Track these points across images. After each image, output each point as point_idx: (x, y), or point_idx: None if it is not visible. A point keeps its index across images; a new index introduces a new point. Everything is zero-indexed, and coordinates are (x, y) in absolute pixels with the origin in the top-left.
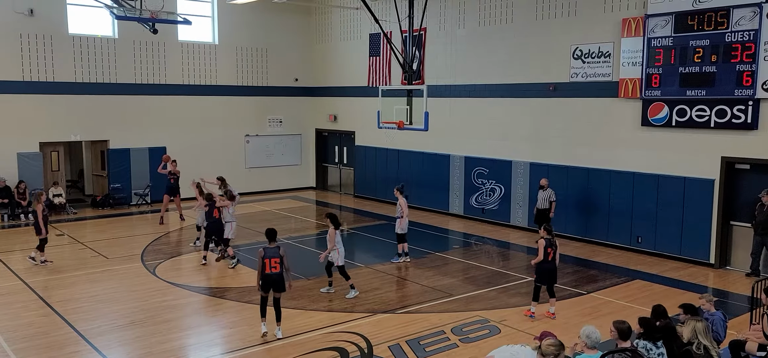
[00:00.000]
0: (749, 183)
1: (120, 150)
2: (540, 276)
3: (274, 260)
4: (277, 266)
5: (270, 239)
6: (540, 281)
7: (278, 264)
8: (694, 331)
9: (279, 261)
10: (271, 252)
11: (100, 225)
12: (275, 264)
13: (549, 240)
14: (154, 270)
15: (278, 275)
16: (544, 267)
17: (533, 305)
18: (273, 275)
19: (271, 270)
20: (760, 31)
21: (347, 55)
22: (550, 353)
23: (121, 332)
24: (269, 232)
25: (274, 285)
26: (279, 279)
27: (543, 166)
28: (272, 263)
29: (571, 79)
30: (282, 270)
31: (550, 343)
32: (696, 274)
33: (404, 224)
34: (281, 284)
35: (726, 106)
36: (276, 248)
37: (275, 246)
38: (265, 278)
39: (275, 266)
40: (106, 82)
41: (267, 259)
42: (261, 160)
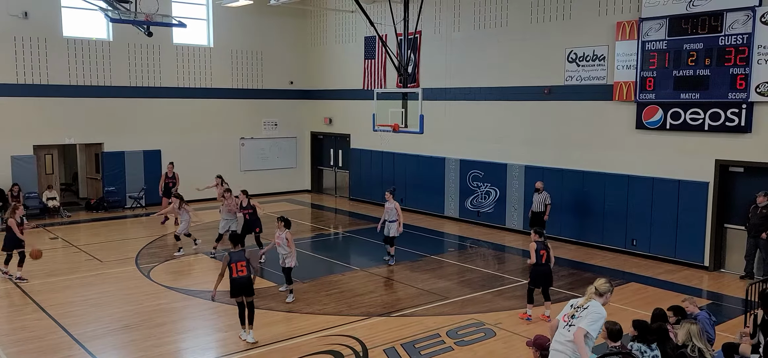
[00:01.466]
0: (743, 186)
1: (114, 153)
2: (534, 279)
3: (240, 263)
4: (244, 269)
5: (234, 244)
6: (534, 284)
7: (244, 267)
8: (689, 334)
9: (245, 264)
10: (237, 256)
11: (95, 228)
12: (242, 267)
13: (540, 243)
14: (149, 273)
15: (246, 278)
16: (537, 270)
17: (529, 308)
18: (241, 278)
19: (238, 274)
20: (753, 35)
21: (342, 58)
22: (606, 289)
23: (115, 335)
24: (233, 236)
25: (244, 289)
26: (247, 283)
27: (538, 169)
28: (239, 267)
29: (565, 82)
30: (249, 274)
31: (603, 281)
32: (690, 276)
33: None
34: (250, 287)
35: (720, 110)
36: (241, 252)
37: (241, 250)
38: (232, 282)
39: (242, 270)
40: (101, 84)
41: (233, 263)
42: (256, 163)
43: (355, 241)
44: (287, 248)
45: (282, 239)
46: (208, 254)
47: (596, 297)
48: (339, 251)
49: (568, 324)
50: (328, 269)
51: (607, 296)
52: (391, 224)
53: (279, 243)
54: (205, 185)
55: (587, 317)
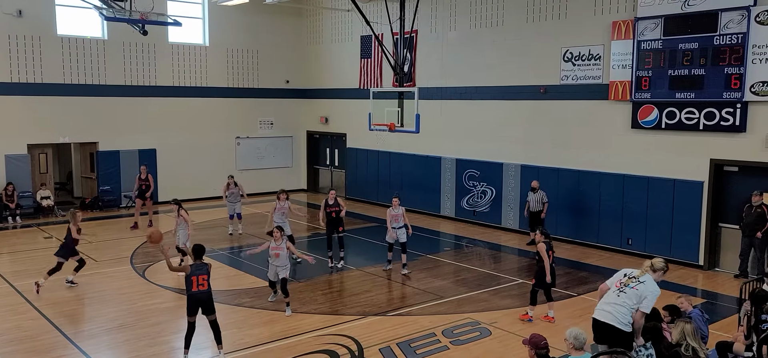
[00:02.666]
0: (737, 185)
1: (109, 152)
2: (541, 281)
3: (201, 277)
4: (205, 283)
5: (197, 256)
6: (540, 286)
7: (206, 281)
8: (683, 332)
9: (207, 278)
10: (199, 269)
11: (89, 227)
12: (203, 281)
13: (548, 243)
14: (144, 273)
15: (206, 292)
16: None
17: (530, 309)
18: (200, 293)
19: (198, 288)
20: (748, 35)
21: (338, 57)
22: (661, 267)
23: (109, 335)
24: (197, 249)
25: (203, 305)
26: (207, 298)
27: (534, 168)
28: (200, 280)
29: (561, 81)
30: (210, 288)
31: (660, 259)
32: (685, 275)
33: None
34: (210, 303)
35: (715, 109)
36: (205, 265)
37: (204, 263)
38: (190, 297)
39: (203, 284)
40: (96, 83)
41: (194, 276)
42: (252, 162)
43: (351, 240)
44: (286, 260)
45: (282, 249)
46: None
47: (651, 272)
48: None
49: (620, 290)
50: (323, 268)
51: (660, 274)
52: (400, 230)
53: (278, 254)
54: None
55: (644, 294)
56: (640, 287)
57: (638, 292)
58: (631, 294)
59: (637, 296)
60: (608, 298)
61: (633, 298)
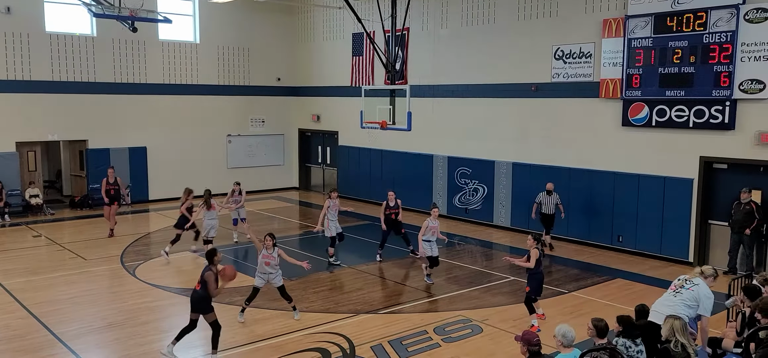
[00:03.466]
0: (726, 182)
1: (99, 150)
2: (537, 288)
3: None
4: (198, 284)
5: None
6: (536, 293)
7: (199, 284)
8: (672, 329)
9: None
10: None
11: (79, 226)
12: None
13: (540, 250)
14: (134, 271)
15: (198, 294)
16: (539, 278)
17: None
18: (194, 293)
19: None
20: (737, 33)
21: (330, 55)
22: (711, 274)
23: (99, 334)
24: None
25: (195, 305)
26: (199, 299)
27: (525, 166)
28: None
29: (552, 79)
30: (202, 290)
31: (709, 267)
32: (675, 272)
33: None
34: (201, 304)
35: (704, 107)
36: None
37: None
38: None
39: (196, 285)
40: (85, 81)
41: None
42: (243, 160)
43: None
44: (277, 268)
45: (274, 258)
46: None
47: (702, 278)
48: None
49: (676, 292)
50: (316, 266)
51: (710, 280)
52: (433, 244)
53: (269, 262)
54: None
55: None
56: (696, 289)
57: (694, 293)
58: (687, 295)
59: (693, 297)
60: (665, 300)
61: (689, 298)
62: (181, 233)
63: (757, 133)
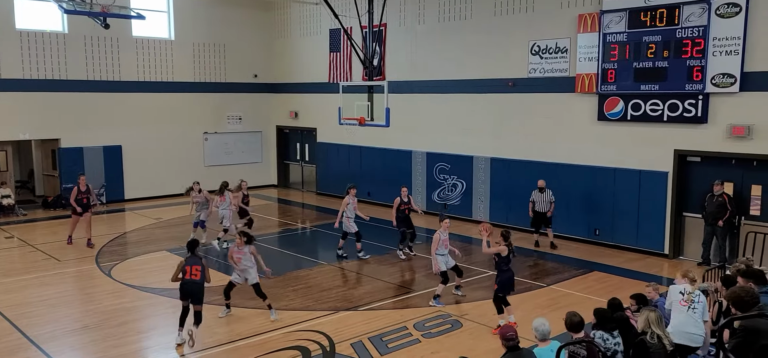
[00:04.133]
0: (700, 175)
1: (72, 149)
2: (503, 286)
3: (194, 267)
4: (198, 274)
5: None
6: (504, 291)
7: (199, 272)
8: (647, 320)
9: (200, 269)
10: (192, 260)
11: (52, 226)
12: (196, 272)
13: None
14: (110, 272)
15: (197, 283)
16: (506, 276)
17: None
18: (191, 282)
19: (190, 277)
20: (708, 28)
21: (307, 51)
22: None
23: (74, 336)
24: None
25: (192, 295)
26: (197, 289)
27: (503, 161)
28: (193, 271)
29: (529, 74)
30: (202, 279)
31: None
32: (651, 264)
33: None
34: (198, 294)
35: (678, 101)
36: (198, 258)
37: (198, 256)
38: (182, 284)
39: (195, 274)
40: (57, 78)
41: (188, 266)
42: (220, 158)
43: (323, 235)
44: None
45: (245, 254)
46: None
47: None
48: (306, 245)
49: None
50: (295, 264)
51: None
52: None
53: (239, 259)
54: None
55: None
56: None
57: (703, 303)
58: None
59: (703, 308)
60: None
61: (702, 311)
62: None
63: (729, 126)
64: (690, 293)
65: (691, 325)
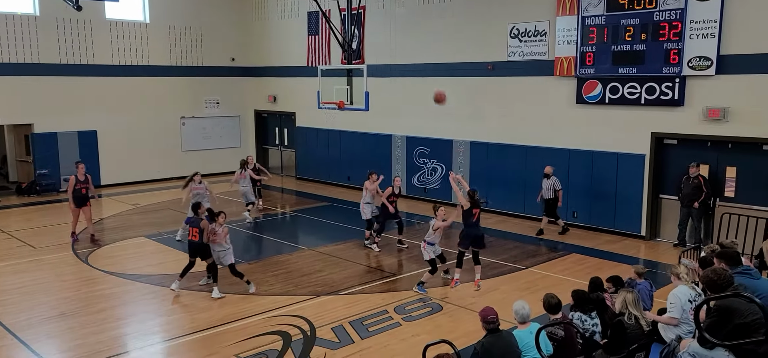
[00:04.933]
0: (676, 157)
1: (46, 134)
2: (466, 241)
3: (194, 229)
4: (196, 235)
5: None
6: (464, 246)
7: (197, 234)
8: (625, 302)
9: (198, 231)
10: (192, 222)
11: (26, 213)
12: (195, 233)
13: (474, 202)
14: (87, 259)
15: (196, 243)
16: (465, 233)
17: (457, 272)
18: (192, 242)
19: (191, 237)
20: (686, 11)
21: (285, 34)
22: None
23: (51, 324)
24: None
25: (195, 252)
26: (197, 247)
27: (482, 144)
28: (193, 232)
29: (508, 58)
30: (200, 240)
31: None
32: (628, 246)
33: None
34: (200, 251)
35: (655, 84)
36: (196, 219)
37: (197, 217)
38: (188, 244)
39: (195, 235)
40: (28, 62)
41: (190, 227)
42: (198, 142)
43: (302, 220)
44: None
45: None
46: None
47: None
48: (286, 230)
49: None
50: (275, 249)
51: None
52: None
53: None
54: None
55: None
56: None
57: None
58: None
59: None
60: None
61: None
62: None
63: (705, 109)
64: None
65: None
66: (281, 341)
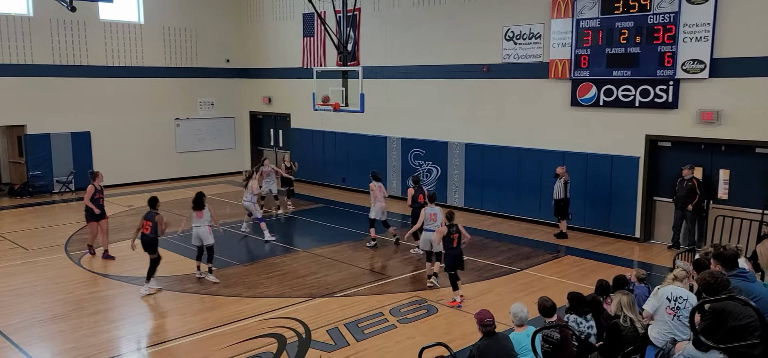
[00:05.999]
0: (670, 160)
1: (39, 135)
2: (451, 264)
3: (146, 222)
4: (148, 228)
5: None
6: (453, 269)
7: (149, 227)
8: (620, 304)
9: (151, 225)
10: (147, 215)
11: (19, 215)
12: (147, 227)
13: (450, 226)
14: (80, 261)
15: (146, 236)
16: (453, 254)
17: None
18: (143, 236)
19: (143, 231)
20: (679, 14)
21: (281, 36)
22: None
23: (43, 326)
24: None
25: (145, 246)
26: (148, 241)
27: (477, 146)
28: (145, 225)
29: (503, 60)
30: (153, 234)
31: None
32: (623, 248)
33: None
34: (149, 245)
35: (649, 86)
36: (151, 213)
37: (151, 211)
38: (141, 237)
39: (146, 229)
40: (21, 63)
41: (143, 220)
42: (192, 144)
43: (297, 222)
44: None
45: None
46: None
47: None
48: (281, 232)
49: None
50: (270, 251)
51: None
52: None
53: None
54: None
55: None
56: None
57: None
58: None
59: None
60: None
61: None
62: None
63: (699, 112)
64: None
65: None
66: (276, 344)
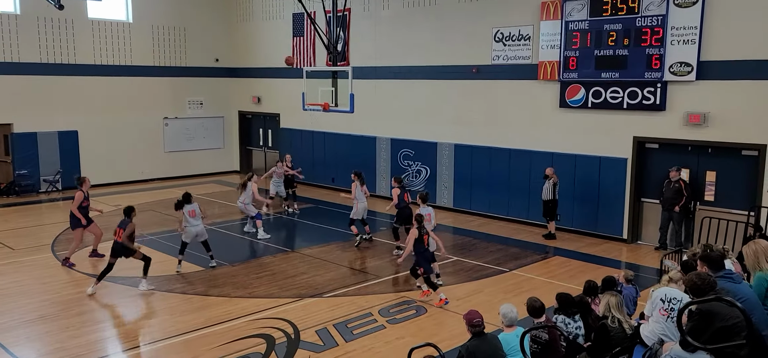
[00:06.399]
0: (658, 161)
1: (25, 134)
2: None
3: (119, 230)
4: (119, 236)
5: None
6: (427, 270)
7: (120, 234)
8: (608, 305)
9: (121, 231)
10: (121, 223)
11: (5, 214)
12: (119, 233)
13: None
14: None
15: (117, 244)
16: (426, 255)
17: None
18: (116, 243)
19: (116, 238)
20: (667, 17)
21: (270, 35)
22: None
23: (29, 327)
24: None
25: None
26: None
27: (466, 147)
28: (118, 232)
29: (493, 61)
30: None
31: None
32: (610, 249)
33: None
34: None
35: (637, 88)
36: (124, 220)
37: (125, 219)
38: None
39: (119, 235)
40: (8, 61)
41: (118, 228)
42: (181, 143)
43: (287, 222)
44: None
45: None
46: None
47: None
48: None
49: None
50: (259, 251)
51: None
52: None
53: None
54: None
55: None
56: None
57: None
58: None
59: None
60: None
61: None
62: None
63: (686, 114)
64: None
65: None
66: (265, 344)
